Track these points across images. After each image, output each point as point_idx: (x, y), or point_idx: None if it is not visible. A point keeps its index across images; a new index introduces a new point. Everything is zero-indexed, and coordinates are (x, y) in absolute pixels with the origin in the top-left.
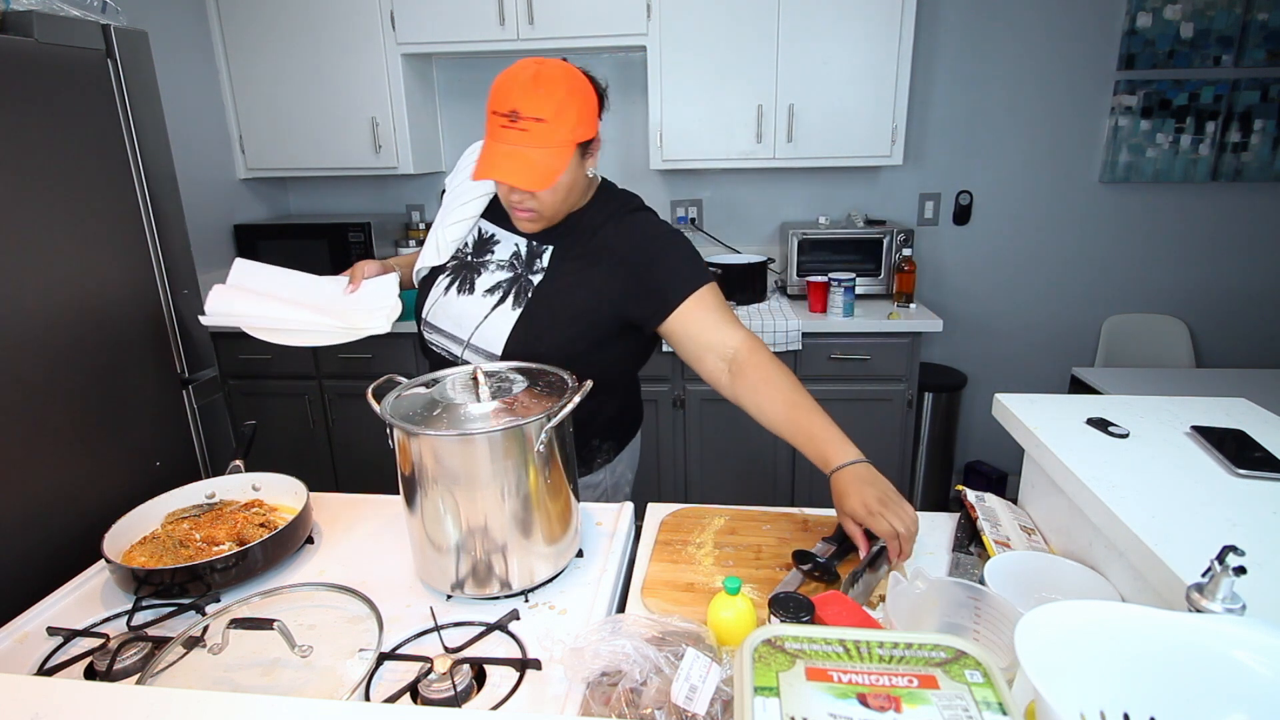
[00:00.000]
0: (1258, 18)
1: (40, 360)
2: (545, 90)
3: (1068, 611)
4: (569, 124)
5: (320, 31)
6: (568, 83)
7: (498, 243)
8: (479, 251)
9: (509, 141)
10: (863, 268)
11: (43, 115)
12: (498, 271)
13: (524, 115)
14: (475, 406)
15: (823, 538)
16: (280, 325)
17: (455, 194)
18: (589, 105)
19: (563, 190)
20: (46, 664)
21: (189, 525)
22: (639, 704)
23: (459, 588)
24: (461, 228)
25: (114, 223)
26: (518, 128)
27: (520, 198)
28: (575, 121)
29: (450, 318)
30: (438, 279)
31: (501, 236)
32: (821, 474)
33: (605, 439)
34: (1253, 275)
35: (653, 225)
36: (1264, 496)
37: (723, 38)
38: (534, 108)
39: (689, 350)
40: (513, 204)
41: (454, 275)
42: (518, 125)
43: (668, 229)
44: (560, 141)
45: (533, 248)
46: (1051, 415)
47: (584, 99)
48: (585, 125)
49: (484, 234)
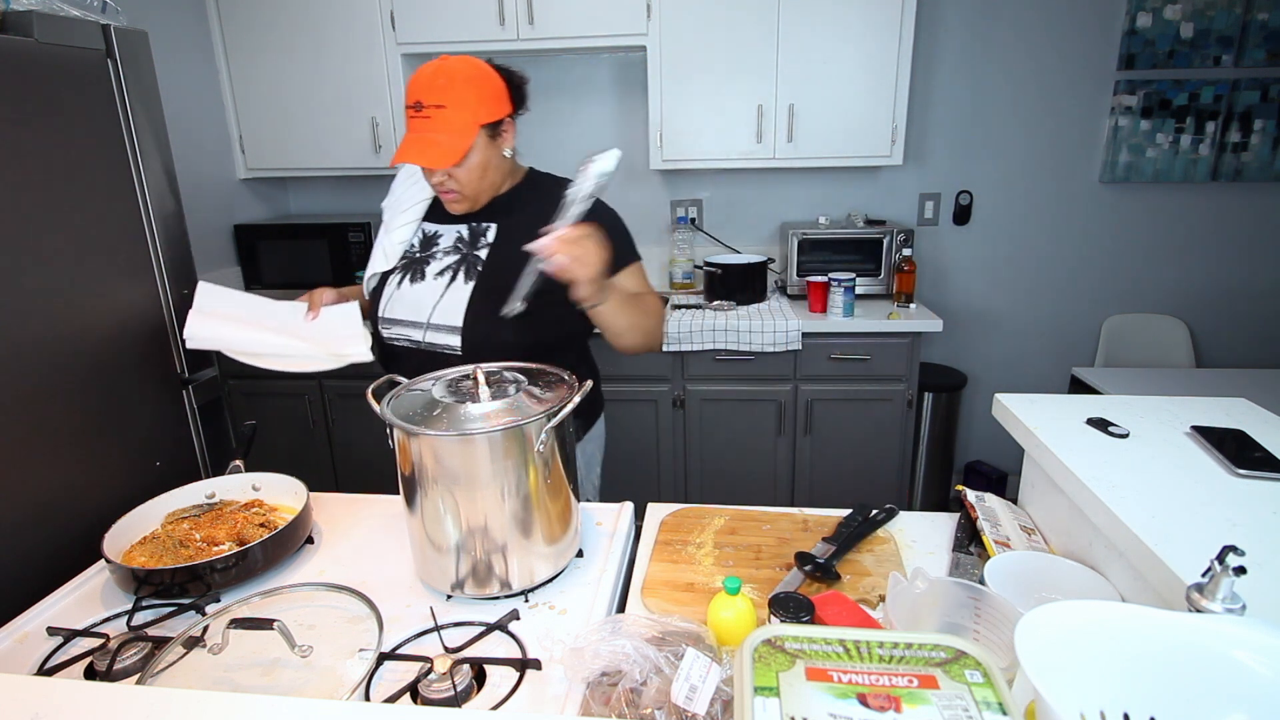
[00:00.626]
0: (1258, 18)
1: (40, 360)
2: (444, 80)
3: (1068, 611)
4: (469, 107)
5: (320, 31)
6: (466, 71)
7: (441, 236)
8: (425, 247)
9: (417, 130)
10: (863, 268)
11: (43, 115)
12: (445, 257)
13: (427, 104)
14: (475, 406)
15: (823, 538)
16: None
17: (395, 207)
18: (491, 90)
19: (477, 169)
20: (46, 664)
21: (189, 525)
22: (639, 704)
23: (459, 588)
24: (406, 230)
25: (114, 223)
26: (422, 116)
27: (441, 179)
28: (476, 104)
29: (406, 306)
30: (388, 280)
31: (444, 230)
32: (821, 474)
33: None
34: (1253, 275)
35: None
36: (1264, 496)
37: (723, 38)
38: (434, 96)
39: None
40: (436, 188)
41: (404, 271)
42: (422, 114)
43: (604, 207)
44: (461, 124)
45: (475, 229)
46: (1051, 415)
47: (484, 85)
48: (488, 108)
49: (428, 233)
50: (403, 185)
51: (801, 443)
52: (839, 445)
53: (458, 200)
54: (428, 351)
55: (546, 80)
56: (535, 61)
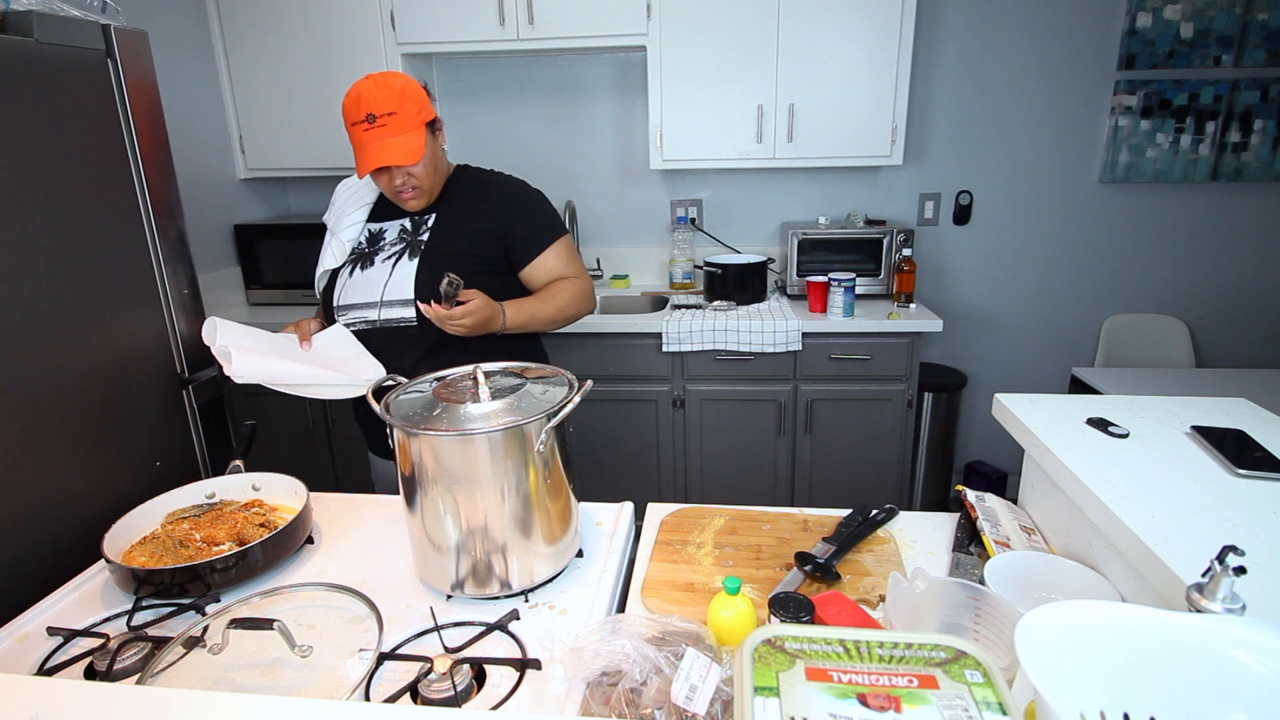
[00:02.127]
0: (1258, 18)
1: (40, 360)
2: (386, 90)
3: (1068, 611)
4: (414, 109)
5: (320, 31)
6: (399, 81)
7: (386, 231)
8: (372, 243)
9: (376, 139)
10: (863, 268)
11: (43, 115)
12: (390, 247)
13: (379, 114)
14: (475, 406)
15: (823, 538)
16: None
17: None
18: (423, 95)
19: (430, 163)
20: (46, 664)
21: (189, 525)
22: (639, 704)
23: (459, 588)
24: (353, 230)
25: (114, 223)
26: (378, 126)
27: (403, 181)
28: (417, 107)
29: (359, 289)
30: (339, 274)
31: (388, 226)
32: (821, 474)
33: None
34: (1253, 275)
35: (515, 185)
36: (1264, 496)
37: (723, 38)
38: (383, 106)
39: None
40: (398, 189)
41: (353, 263)
42: (377, 124)
43: (527, 193)
44: (414, 124)
45: (417, 220)
46: (1051, 415)
47: (417, 90)
48: (425, 109)
49: (373, 231)
50: (343, 195)
51: (801, 443)
52: (839, 445)
53: (416, 196)
54: (385, 329)
55: (546, 80)
56: (535, 61)
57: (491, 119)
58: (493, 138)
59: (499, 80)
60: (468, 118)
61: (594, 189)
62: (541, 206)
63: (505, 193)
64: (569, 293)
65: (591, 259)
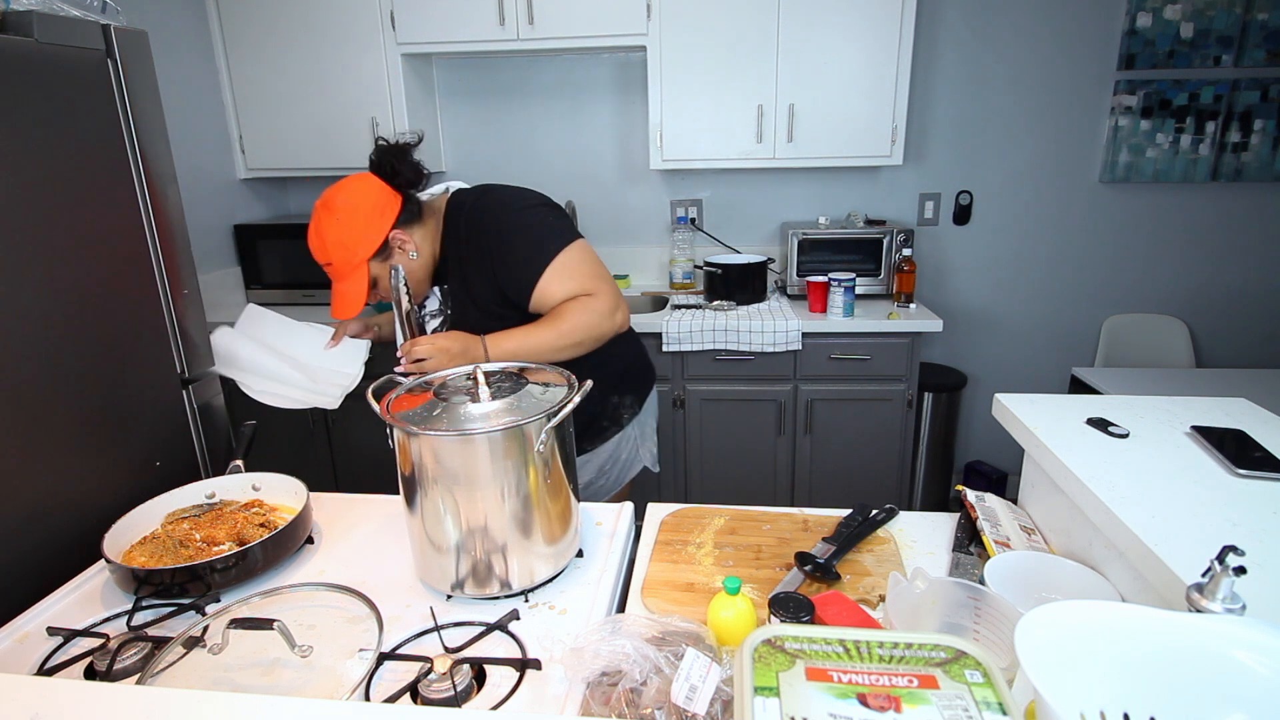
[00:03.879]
0: (1258, 18)
1: (40, 360)
2: (318, 240)
3: (1068, 611)
4: (346, 252)
5: (320, 31)
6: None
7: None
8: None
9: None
10: (863, 268)
11: (43, 115)
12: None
13: (322, 263)
14: (475, 406)
15: (823, 538)
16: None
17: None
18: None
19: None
20: (46, 664)
21: (189, 525)
22: (639, 704)
23: (459, 588)
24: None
25: (114, 223)
26: (327, 270)
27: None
28: (352, 247)
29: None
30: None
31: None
32: (821, 474)
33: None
34: (1253, 275)
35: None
36: (1264, 496)
37: (723, 38)
38: (321, 256)
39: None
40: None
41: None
42: (326, 268)
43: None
44: (349, 270)
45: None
46: (1051, 415)
47: (352, 222)
48: (364, 242)
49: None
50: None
51: (801, 443)
52: (839, 445)
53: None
54: None
55: (546, 80)
56: (535, 61)
57: (491, 119)
58: (493, 138)
59: (499, 80)
60: (468, 118)
61: (594, 189)
62: (521, 233)
63: (482, 234)
64: (573, 311)
65: None
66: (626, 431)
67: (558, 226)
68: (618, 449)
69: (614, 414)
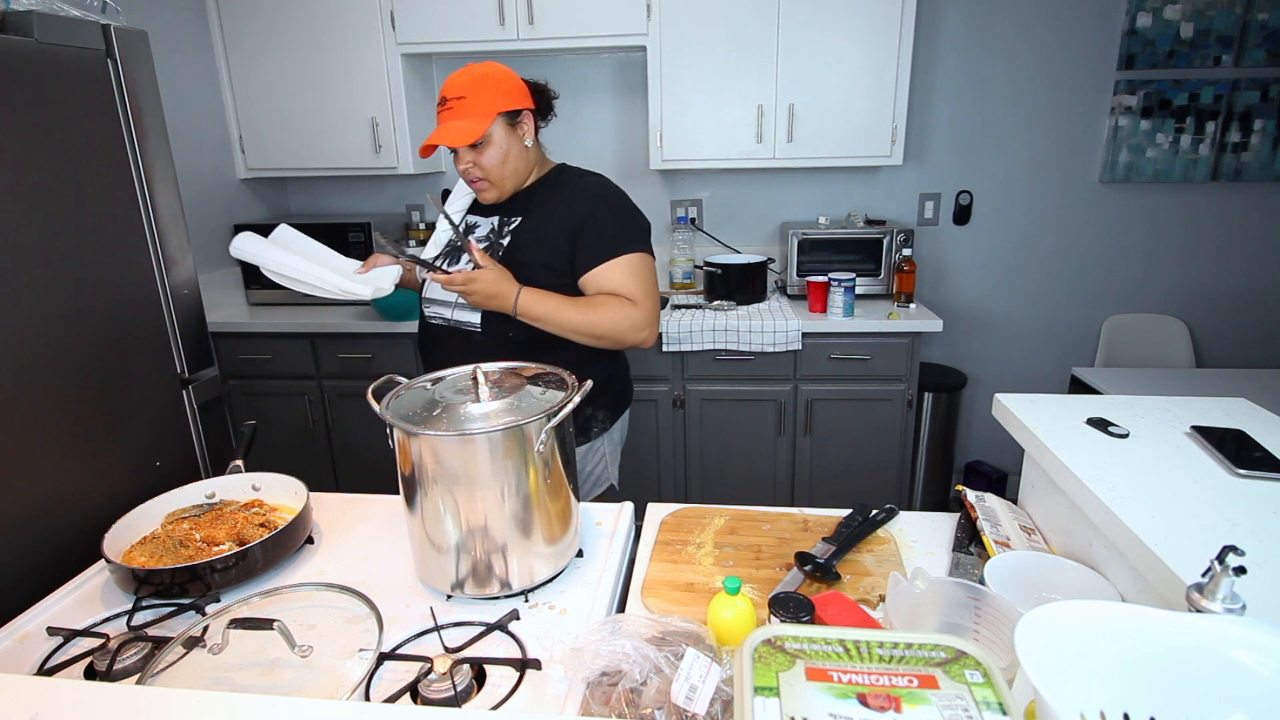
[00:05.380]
0: (1258, 18)
1: (40, 360)
2: (464, 78)
3: (1068, 611)
4: (487, 96)
5: (320, 31)
6: (485, 69)
7: (478, 227)
8: (465, 235)
9: (442, 121)
10: (863, 268)
11: (43, 115)
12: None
13: (450, 98)
14: (475, 406)
15: (823, 538)
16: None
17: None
18: (510, 85)
19: (498, 155)
20: (46, 664)
21: (189, 525)
22: (639, 704)
23: (459, 588)
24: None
25: (114, 223)
26: (446, 109)
27: (467, 166)
28: (494, 94)
29: (440, 287)
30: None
31: (481, 222)
32: (821, 474)
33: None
34: (1253, 275)
35: (603, 187)
36: (1264, 496)
37: (723, 38)
38: (455, 90)
39: None
40: (464, 175)
41: (445, 258)
42: (446, 107)
43: (611, 197)
44: (480, 111)
45: (504, 220)
46: (1051, 415)
47: (503, 80)
48: (505, 98)
49: (470, 224)
50: (459, 188)
51: (801, 443)
52: (839, 445)
53: (486, 188)
54: (455, 329)
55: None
56: (535, 61)
57: None
58: None
59: None
60: None
61: None
62: (623, 215)
63: (585, 194)
64: (611, 308)
65: None
66: (596, 445)
67: (645, 235)
68: (585, 461)
69: (583, 425)
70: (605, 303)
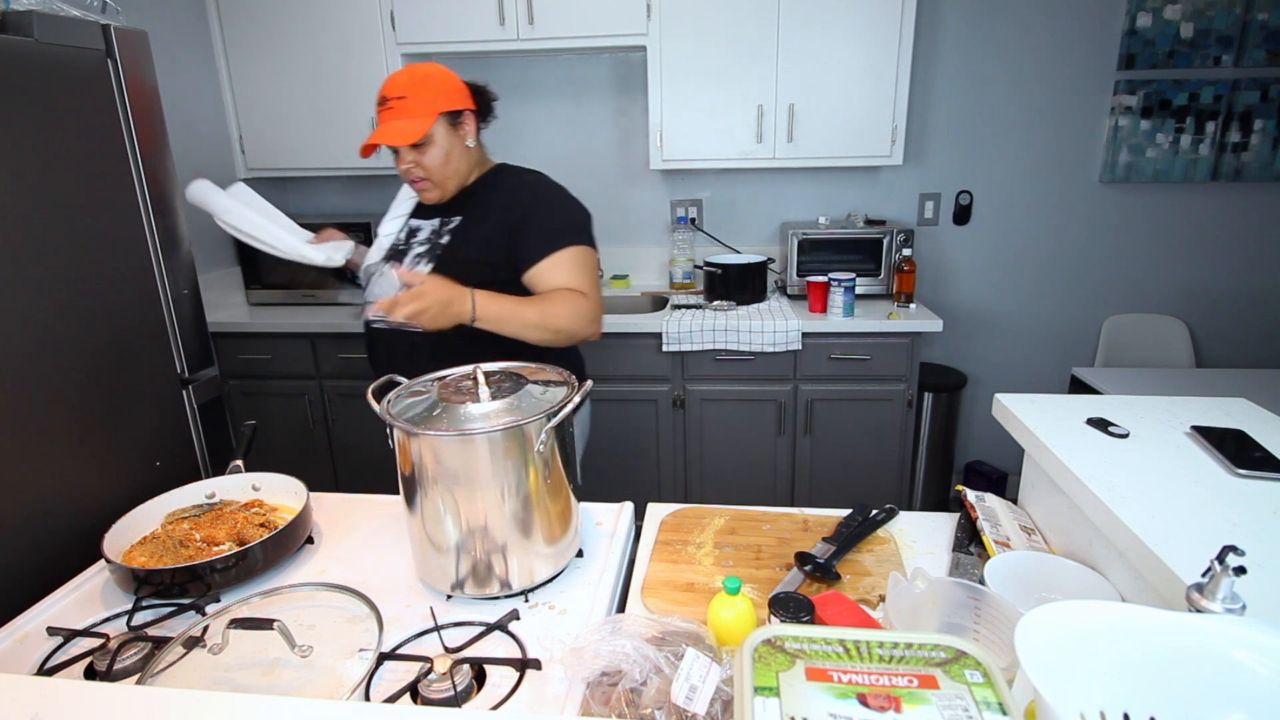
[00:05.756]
0: (1258, 18)
1: (40, 360)
2: (405, 78)
3: (1068, 611)
4: (428, 96)
5: (320, 31)
6: (427, 70)
7: (421, 229)
8: (407, 239)
9: (382, 120)
10: (863, 268)
11: (43, 115)
12: (419, 247)
13: (391, 98)
14: (475, 406)
15: (823, 538)
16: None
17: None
18: (451, 86)
19: (440, 155)
20: (46, 664)
21: (189, 525)
22: (639, 704)
23: (459, 588)
24: (395, 224)
25: (114, 223)
26: (387, 108)
27: (408, 166)
28: (435, 94)
29: (383, 287)
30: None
31: (424, 225)
32: (821, 474)
33: None
34: (1253, 275)
35: (539, 183)
36: (1264, 496)
37: (723, 38)
38: (396, 90)
39: None
40: (406, 175)
41: (387, 260)
42: (387, 107)
43: (548, 192)
44: (421, 111)
45: (443, 221)
46: (1051, 415)
47: (444, 80)
48: (446, 98)
49: (412, 228)
50: (402, 193)
51: (801, 443)
52: (839, 445)
53: (428, 188)
54: (398, 330)
55: (546, 80)
56: (535, 61)
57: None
58: (493, 138)
59: (499, 80)
60: None
61: (594, 189)
62: (562, 209)
63: (524, 190)
64: (565, 302)
65: None
66: None
67: (586, 228)
68: None
69: None
70: (559, 297)
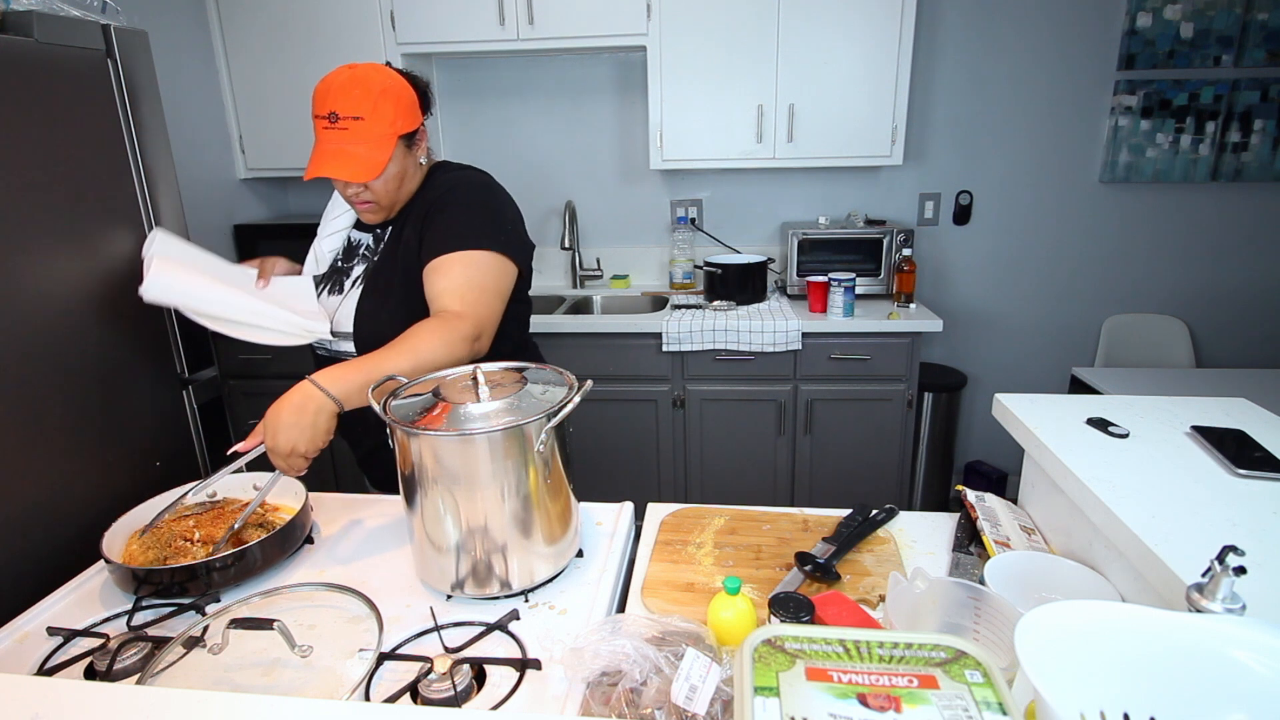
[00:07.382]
0: (1258, 18)
1: (40, 360)
2: (360, 90)
3: (1068, 611)
4: (387, 118)
5: (320, 32)
6: (382, 81)
7: (361, 244)
8: (347, 257)
9: (333, 141)
10: (863, 268)
11: (43, 115)
12: (358, 266)
13: (343, 115)
14: (475, 406)
15: (823, 538)
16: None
17: (328, 214)
18: (405, 100)
19: (394, 180)
20: (46, 664)
21: (193, 523)
22: (639, 704)
23: (459, 588)
24: (335, 239)
25: (114, 223)
26: (339, 128)
27: (356, 190)
28: (393, 116)
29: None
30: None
31: (364, 238)
32: (821, 474)
33: None
34: (1253, 275)
35: (451, 188)
36: (1264, 496)
37: (723, 38)
38: (351, 107)
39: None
40: (350, 198)
41: (327, 280)
42: (338, 125)
43: (465, 192)
44: (379, 135)
45: (378, 235)
46: (1051, 415)
47: (399, 95)
48: (404, 119)
49: (353, 241)
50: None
51: (801, 443)
52: (839, 445)
53: (373, 211)
54: (336, 357)
55: (546, 80)
56: (535, 61)
57: (491, 119)
58: (493, 138)
59: (499, 80)
60: (468, 118)
61: (594, 189)
62: (470, 210)
63: (442, 190)
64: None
65: (591, 259)
66: None
67: (500, 234)
68: None
69: None
70: (421, 332)
